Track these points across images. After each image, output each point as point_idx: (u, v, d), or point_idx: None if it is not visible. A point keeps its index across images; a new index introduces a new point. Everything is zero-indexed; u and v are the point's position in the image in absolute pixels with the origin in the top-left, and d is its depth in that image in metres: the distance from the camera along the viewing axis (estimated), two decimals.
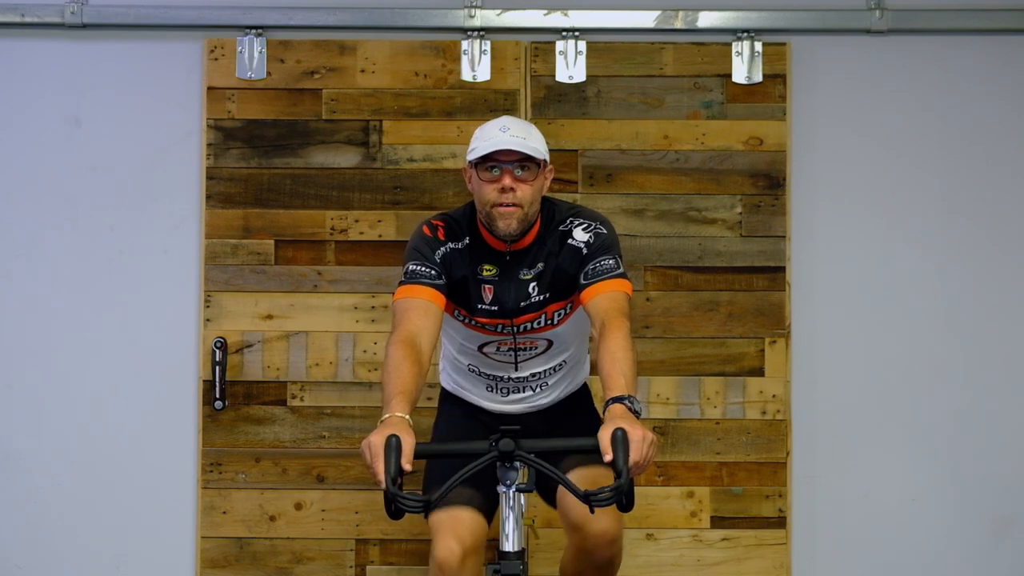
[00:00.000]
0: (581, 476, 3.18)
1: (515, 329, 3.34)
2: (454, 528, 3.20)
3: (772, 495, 4.32)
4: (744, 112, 4.35)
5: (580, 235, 3.30)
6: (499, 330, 3.35)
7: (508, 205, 3.21)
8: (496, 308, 3.32)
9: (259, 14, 4.35)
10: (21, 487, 4.36)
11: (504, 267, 3.32)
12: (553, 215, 3.34)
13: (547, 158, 3.27)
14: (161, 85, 4.37)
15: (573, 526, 3.26)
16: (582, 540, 3.26)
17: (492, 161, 3.21)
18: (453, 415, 3.58)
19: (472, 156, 3.24)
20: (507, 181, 3.20)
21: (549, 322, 3.35)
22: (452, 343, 3.51)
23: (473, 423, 3.50)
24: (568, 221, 3.32)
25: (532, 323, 3.34)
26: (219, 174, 4.34)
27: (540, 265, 3.31)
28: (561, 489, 3.25)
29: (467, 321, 3.37)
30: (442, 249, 3.29)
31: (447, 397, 3.64)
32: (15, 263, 4.37)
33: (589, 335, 3.48)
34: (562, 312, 3.36)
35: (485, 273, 3.32)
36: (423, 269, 3.25)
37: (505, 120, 3.28)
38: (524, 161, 3.21)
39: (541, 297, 3.32)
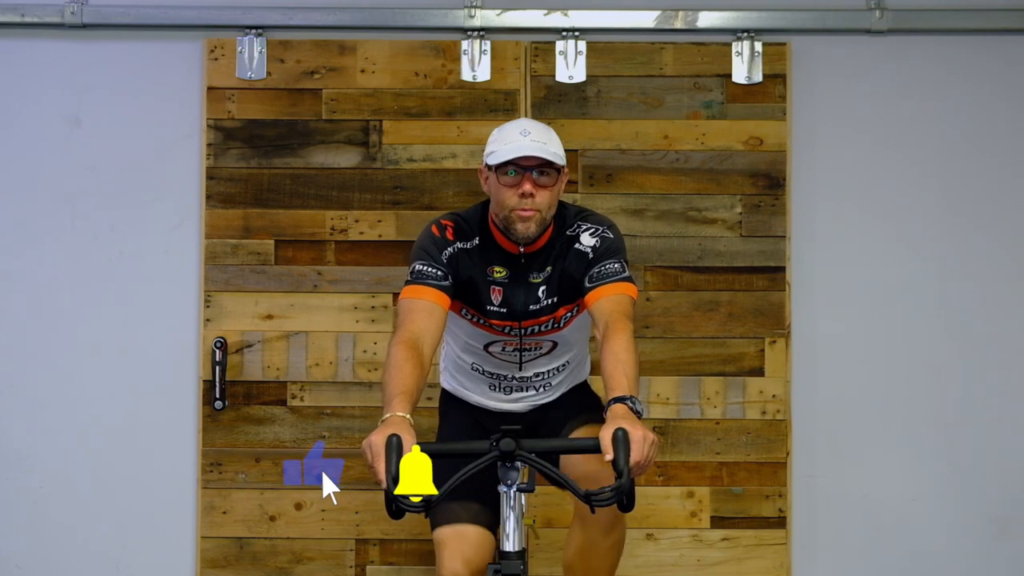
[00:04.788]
0: (585, 434, 3.22)
1: (522, 331, 3.34)
2: (460, 548, 3.20)
3: (772, 495, 4.32)
4: (744, 112, 4.35)
5: (587, 240, 3.29)
6: (506, 331, 3.35)
7: (528, 210, 3.20)
8: (505, 310, 3.32)
9: (259, 14, 4.35)
10: (21, 487, 4.36)
11: (515, 269, 3.31)
12: (564, 219, 3.33)
13: (565, 162, 3.26)
14: (161, 85, 4.37)
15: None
16: (590, 516, 3.23)
17: (512, 165, 3.18)
18: (455, 423, 3.57)
19: (493, 160, 3.21)
20: (527, 187, 3.17)
21: (556, 325, 3.36)
22: (456, 341, 3.50)
23: (475, 427, 3.50)
24: (576, 225, 3.32)
25: (540, 326, 3.34)
26: (219, 174, 4.34)
27: (549, 269, 3.31)
28: (571, 466, 3.23)
29: (476, 320, 3.37)
30: (450, 249, 3.28)
31: (448, 401, 3.63)
32: (15, 263, 4.37)
33: (591, 335, 3.48)
34: (569, 315, 3.36)
35: (495, 275, 3.31)
36: (429, 269, 3.24)
37: (525, 123, 3.25)
38: (544, 166, 3.19)
39: (550, 301, 3.32)
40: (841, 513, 4.37)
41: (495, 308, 3.32)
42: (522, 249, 3.29)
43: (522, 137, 3.19)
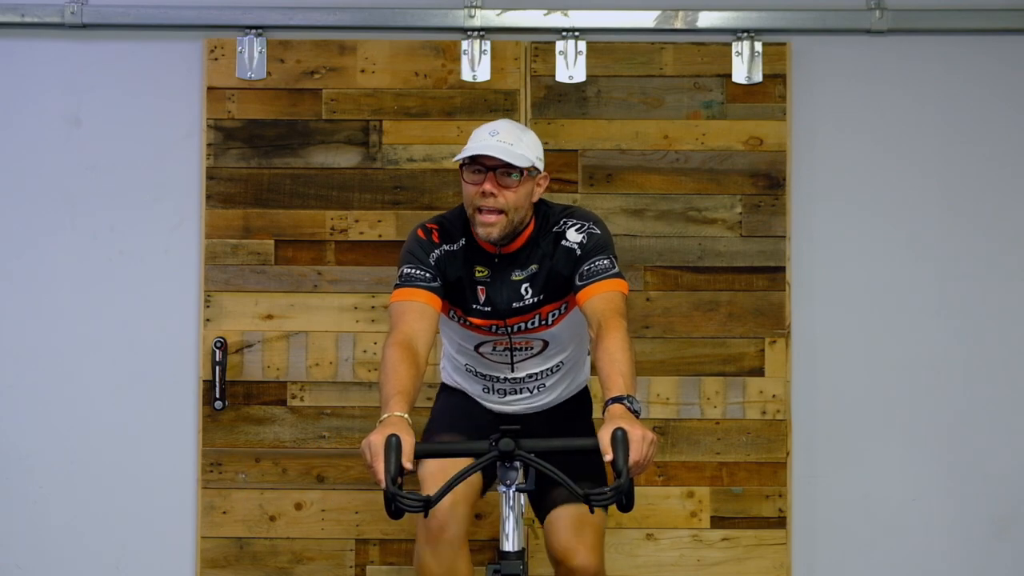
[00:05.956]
0: (565, 513, 3.25)
1: (509, 329, 3.34)
2: (445, 479, 3.18)
3: (772, 495, 4.32)
4: (744, 112, 4.35)
5: (573, 236, 3.30)
6: (493, 330, 3.36)
7: (489, 211, 3.21)
8: (488, 309, 3.33)
9: (259, 14, 4.35)
10: (21, 487, 4.36)
11: (495, 268, 3.32)
12: (547, 217, 3.34)
13: (537, 165, 3.25)
14: (161, 85, 4.37)
15: (556, 559, 3.31)
16: (566, 572, 3.29)
17: (477, 164, 3.21)
18: (451, 402, 3.58)
19: (459, 156, 3.25)
20: (487, 186, 3.20)
21: (543, 322, 3.36)
22: (451, 343, 3.52)
23: (472, 408, 3.50)
24: (561, 222, 3.32)
25: (526, 323, 3.35)
26: (219, 174, 4.34)
27: (534, 267, 3.32)
28: (549, 520, 3.32)
29: (462, 321, 3.38)
30: (436, 251, 3.29)
31: (446, 388, 3.64)
32: (15, 263, 4.37)
33: (589, 336, 3.48)
34: (556, 313, 3.36)
35: (478, 274, 3.33)
36: (418, 272, 3.25)
37: (498, 124, 3.27)
38: (509, 167, 3.20)
39: (535, 299, 3.33)
40: (841, 513, 4.37)
41: (480, 307, 3.34)
42: (499, 250, 3.30)
43: (490, 137, 3.21)
